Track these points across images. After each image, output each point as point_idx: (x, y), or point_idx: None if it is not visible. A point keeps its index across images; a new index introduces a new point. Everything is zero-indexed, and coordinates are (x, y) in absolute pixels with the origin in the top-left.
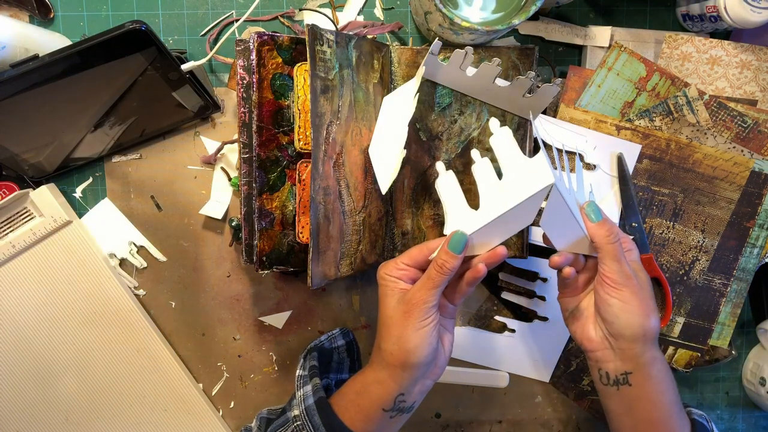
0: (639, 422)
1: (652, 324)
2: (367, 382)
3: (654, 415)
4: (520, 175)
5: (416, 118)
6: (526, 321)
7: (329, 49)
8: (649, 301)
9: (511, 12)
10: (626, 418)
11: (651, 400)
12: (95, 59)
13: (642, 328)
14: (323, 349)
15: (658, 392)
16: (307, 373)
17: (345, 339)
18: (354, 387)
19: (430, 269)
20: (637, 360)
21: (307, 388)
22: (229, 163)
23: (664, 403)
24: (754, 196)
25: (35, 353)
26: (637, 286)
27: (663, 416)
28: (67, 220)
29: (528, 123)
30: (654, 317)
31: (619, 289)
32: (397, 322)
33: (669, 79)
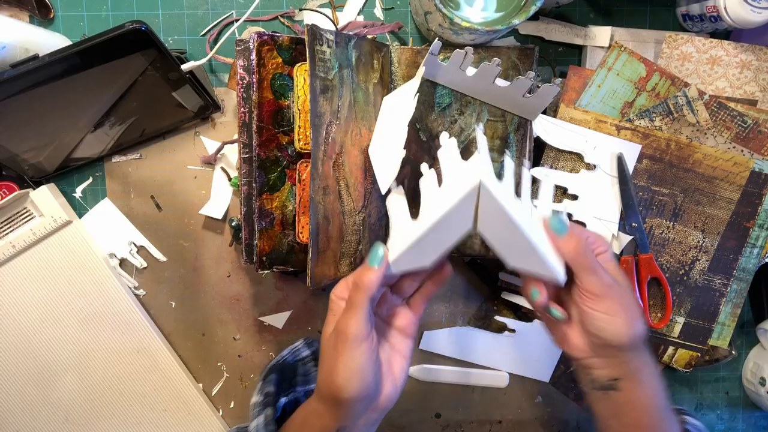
0: (626, 427)
1: (639, 330)
2: (309, 413)
3: (642, 420)
4: (455, 181)
5: (416, 118)
6: (526, 321)
7: (329, 49)
8: (632, 306)
9: (511, 12)
10: (613, 422)
11: (639, 405)
12: (95, 59)
13: (629, 336)
14: (285, 366)
15: (647, 397)
16: (262, 400)
17: (310, 349)
18: (299, 416)
19: (352, 291)
20: (625, 366)
21: (259, 419)
22: (229, 163)
23: (652, 408)
24: (754, 196)
25: (35, 353)
26: (618, 293)
27: (651, 421)
28: (67, 220)
29: (528, 123)
30: (639, 322)
31: (601, 300)
32: (328, 353)
33: (669, 79)
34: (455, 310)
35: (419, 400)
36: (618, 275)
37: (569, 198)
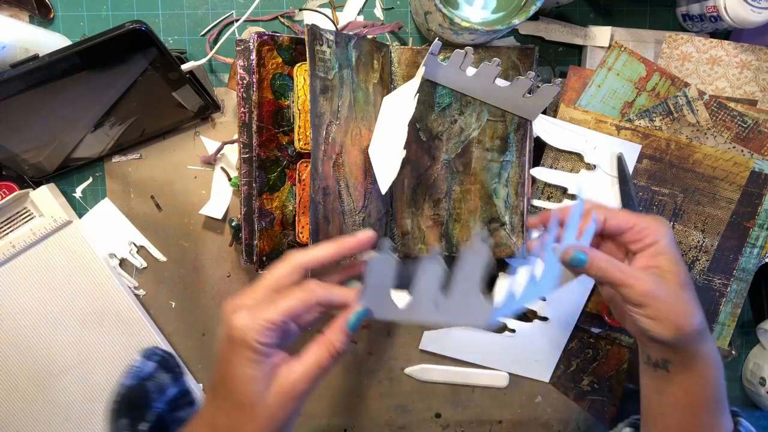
0: (666, 407)
1: (688, 328)
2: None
3: (683, 404)
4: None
5: (416, 118)
6: (526, 321)
7: (329, 49)
8: (680, 305)
9: (512, 12)
10: (655, 398)
11: (684, 390)
12: (95, 59)
13: (674, 336)
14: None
15: (694, 385)
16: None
17: (153, 361)
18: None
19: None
20: (677, 354)
21: None
22: (229, 163)
23: (697, 396)
24: (754, 196)
25: (35, 353)
26: (664, 294)
27: (693, 408)
28: (67, 220)
29: (528, 123)
30: (691, 317)
31: (641, 307)
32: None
33: (669, 79)
34: None
35: (419, 400)
36: (669, 269)
37: (569, 198)
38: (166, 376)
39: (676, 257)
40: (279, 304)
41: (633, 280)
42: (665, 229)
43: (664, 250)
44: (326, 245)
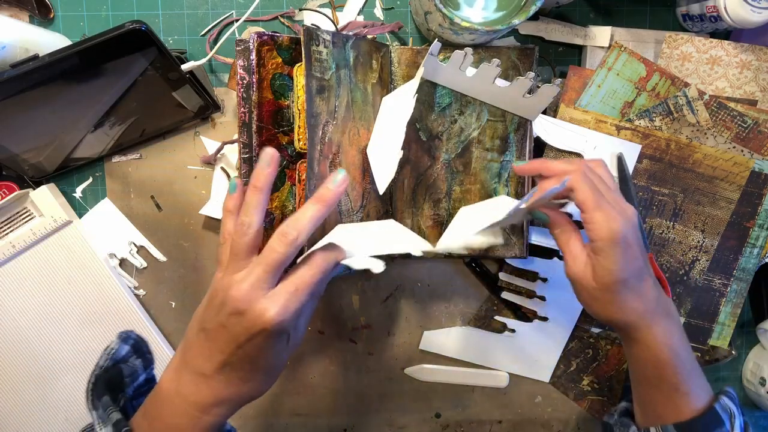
0: (631, 373)
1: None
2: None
3: (636, 374)
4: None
5: (416, 118)
6: (526, 321)
7: (325, 49)
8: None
9: (511, 12)
10: (632, 367)
11: (633, 364)
12: (95, 59)
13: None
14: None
15: (639, 362)
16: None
17: (128, 344)
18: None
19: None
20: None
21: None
22: (229, 163)
23: (644, 373)
24: (754, 196)
25: (35, 353)
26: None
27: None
28: (67, 220)
29: (528, 123)
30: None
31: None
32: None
33: (669, 79)
34: (455, 310)
35: (419, 400)
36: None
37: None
38: (138, 361)
39: (612, 260)
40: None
41: (569, 256)
42: (607, 232)
43: (600, 251)
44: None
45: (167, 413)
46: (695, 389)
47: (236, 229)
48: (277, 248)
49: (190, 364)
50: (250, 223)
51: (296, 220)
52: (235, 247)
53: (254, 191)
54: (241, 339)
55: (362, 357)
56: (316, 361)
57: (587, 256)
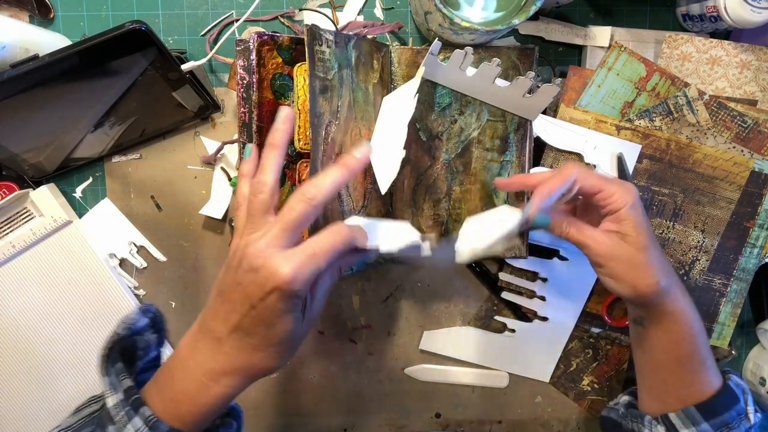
0: (646, 362)
1: (648, 287)
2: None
3: (658, 357)
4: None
5: (416, 118)
6: (526, 321)
7: (328, 49)
8: (642, 265)
9: (512, 12)
10: (638, 351)
11: (658, 345)
12: (95, 59)
13: (635, 292)
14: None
15: (667, 341)
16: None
17: (147, 317)
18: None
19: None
20: (648, 310)
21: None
22: (229, 163)
23: (670, 352)
24: (754, 196)
25: (35, 353)
26: (625, 254)
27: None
28: (67, 220)
29: (528, 123)
30: (648, 277)
31: (602, 266)
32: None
33: (669, 79)
34: (455, 310)
35: (419, 400)
36: (629, 233)
37: None
38: (153, 336)
39: (638, 222)
40: (319, 255)
41: (590, 241)
42: (630, 196)
43: (626, 216)
44: (332, 172)
45: (179, 379)
46: (713, 365)
47: (252, 189)
48: (295, 206)
49: (206, 328)
50: (265, 181)
51: (317, 181)
52: (252, 206)
53: (270, 149)
54: (255, 297)
55: (362, 357)
56: (316, 361)
57: (608, 232)
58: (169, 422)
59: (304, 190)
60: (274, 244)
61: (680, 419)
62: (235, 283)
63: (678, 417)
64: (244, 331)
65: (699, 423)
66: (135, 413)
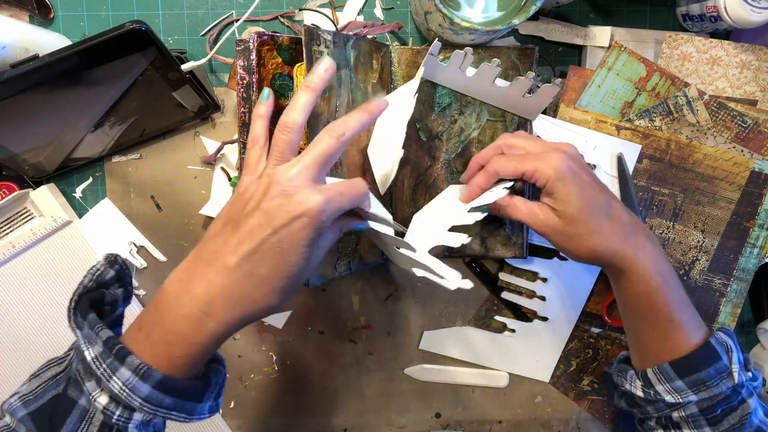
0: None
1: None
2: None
3: (628, 307)
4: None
5: (416, 118)
6: (526, 321)
7: (326, 49)
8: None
9: (512, 12)
10: (618, 305)
11: (624, 297)
12: (95, 59)
13: (580, 257)
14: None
15: (630, 295)
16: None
17: (113, 269)
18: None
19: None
20: (605, 268)
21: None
22: (229, 163)
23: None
24: (754, 196)
25: (35, 353)
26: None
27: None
28: (67, 220)
29: (528, 123)
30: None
31: (545, 236)
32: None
33: (669, 79)
34: (455, 310)
35: (419, 400)
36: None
37: None
38: (120, 291)
39: (567, 193)
40: (347, 195)
41: (526, 217)
42: (550, 170)
43: (553, 189)
44: (357, 114)
45: (170, 318)
46: (689, 321)
47: (281, 126)
48: (325, 140)
49: (208, 258)
50: (295, 120)
51: (345, 119)
52: (278, 143)
53: (306, 90)
54: (278, 222)
55: (362, 357)
56: (316, 361)
57: (543, 206)
58: (162, 369)
59: (334, 126)
60: (306, 176)
61: (655, 375)
62: (256, 210)
63: (653, 372)
64: (257, 259)
65: (673, 380)
66: (121, 363)
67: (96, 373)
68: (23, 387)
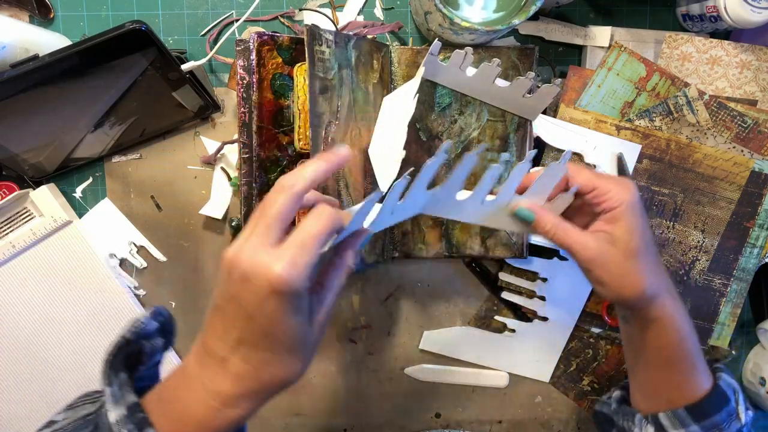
0: (635, 359)
1: (633, 293)
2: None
3: (646, 356)
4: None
5: (416, 118)
6: (526, 321)
7: (328, 49)
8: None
9: (512, 12)
10: (628, 348)
11: (644, 345)
12: (95, 59)
13: (620, 298)
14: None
15: (652, 344)
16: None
17: (157, 321)
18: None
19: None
20: (633, 312)
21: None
22: (229, 163)
23: (657, 354)
24: (754, 196)
25: (35, 353)
26: (604, 260)
27: (654, 363)
28: (67, 220)
29: (528, 123)
30: (635, 284)
31: (590, 270)
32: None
33: (669, 79)
34: (455, 310)
35: (419, 400)
36: (620, 237)
37: None
38: (161, 341)
39: (633, 225)
40: (309, 243)
41: (577, 246)
42: (627, 195)
43: (620, 217)
44: (314, 163)
45: (185, 401)
46: (704, 367)
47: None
48: (275, 199)
49: (208, 348)
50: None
51: (296, 171)
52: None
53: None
54: (251, 307)
55: (362, 357)
56: (316, 361)
57: (597, 234)
58: None
59: (282, 180)
60: (259, 245)
61: (669, 420)
62: (230, 297)
63: (667, 417)
64: (247, 347)
65: (689, 425)
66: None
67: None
68: (59, 416)
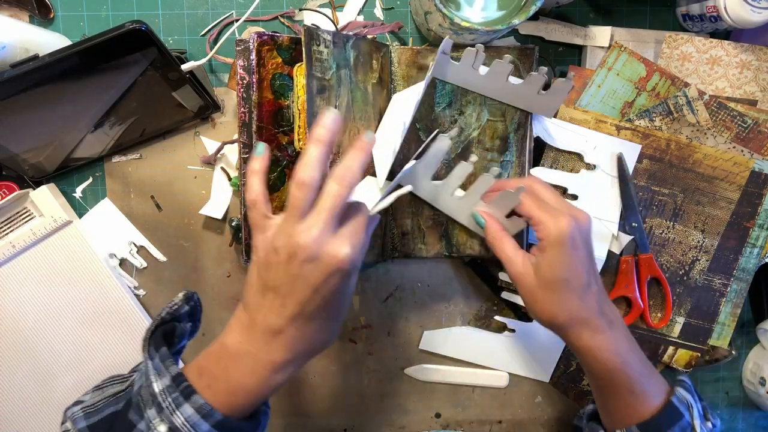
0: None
1: (545, 322)
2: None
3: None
4: None
5: (416, 118)
6: (526, 321)
7: (326, 49)
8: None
9: (512, 12)
10: (587, 375)
11: (586, 371)
12: (95, 59)
13: (536, 318)
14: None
15: (589, 372)
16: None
17: (188, 305)
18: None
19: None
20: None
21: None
22: (229, 163)
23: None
24: (754, 196)
25: (35, 353)
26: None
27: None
28: (67, 220)
29: (528, 123)
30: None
31: (515, 283)
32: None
33: (669, 79)
34: (455, 310)
35: (419, 400)
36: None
37: (569, 198)
38: (188, 325)
39: (556, 258)
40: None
41: (506, 260)
42: (558, 229)
43: (546, 248)
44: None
45: (235, 374)
46: (650, 388)
47: (297, 185)
48: (335, 191)
49: (259, 324)
50: (312, 176)
51: (347, 167)
52: (297, 202)
53: (316, 144)
54: (318, 282)
55: (362, 357)
56: (316, 361)
57: (528, 257)
58: (221, 410)
59: (340, 174)
60: (326, 232)
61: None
62: (293, 277)
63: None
64: (306, 317)
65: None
66: (185, 400)
67: (161, 404)
68: (86, 396)
